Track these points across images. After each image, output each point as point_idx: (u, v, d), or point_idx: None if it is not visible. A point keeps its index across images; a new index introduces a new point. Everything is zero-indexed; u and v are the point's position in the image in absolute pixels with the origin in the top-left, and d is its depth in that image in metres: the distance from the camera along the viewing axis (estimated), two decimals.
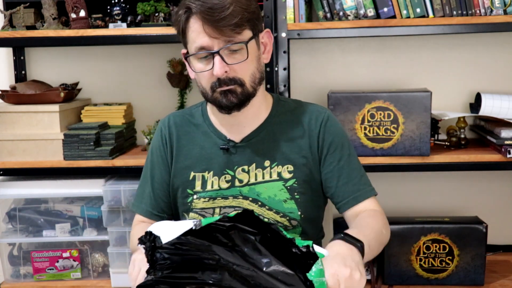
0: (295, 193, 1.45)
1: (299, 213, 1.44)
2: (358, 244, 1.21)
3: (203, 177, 1.47)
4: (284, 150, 1.46)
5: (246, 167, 1.46)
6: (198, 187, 1.47)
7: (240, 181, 1.46)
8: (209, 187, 1.47)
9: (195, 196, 1.47)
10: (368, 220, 1.38)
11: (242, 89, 1.37)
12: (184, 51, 1.43)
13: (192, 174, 1.48)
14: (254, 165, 1.46)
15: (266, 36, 1.44)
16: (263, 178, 1.45)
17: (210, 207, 1.46)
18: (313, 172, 1.47)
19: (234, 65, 1.34)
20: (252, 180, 1.45)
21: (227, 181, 1.46)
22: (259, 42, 1.42)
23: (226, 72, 1.34)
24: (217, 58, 1.32)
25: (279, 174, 1.45)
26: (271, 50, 1.46)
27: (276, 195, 1.44)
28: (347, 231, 1.26)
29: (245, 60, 1.35)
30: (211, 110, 1.51)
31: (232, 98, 1.36)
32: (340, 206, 1.47)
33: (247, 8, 1.33)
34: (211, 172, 1.47)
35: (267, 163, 1.46)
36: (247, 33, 1.35)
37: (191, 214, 1.47)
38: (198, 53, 1.34)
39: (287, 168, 1.46)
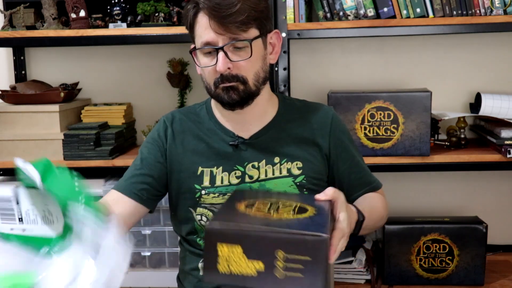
0: (304, 190, 1.46)
1: None
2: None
3: (211, 172, 1.47)
4: (293, 147, 1.47)
5: (256, 163, 1.46)
6: (206, 182, 1.47)
7: (250, 177, 1.46)
8: (218, 183, 1.46)
9: (203, 192, 1.47)
10: (372, 199, 1.51)
11: (245, 87, 1.37)
12: (192, 46, 1.44)
13: (200, 169, 1.48)
14: (264, 161, 1.46)
15: (274, 37, 1.45)
16: (273, 174, 1.46)
17: (220, 202, 1.46)
18: (321, 169, 1.49)
19: (237, 63, 1.35)
20: (262, 176, 1.46)
21: (237, 177, 1.46)
22: (267, 42, 1.42)
23: (229, 68, 1.35)
24: (220, 54, 1.33)
25: (288, 170, 1.46)
26: (279, 51, 1.47)
27: (286, 191, 1.45)
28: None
29: (248, 58, 1.35)
30: (216, 107, 1.51)
31: (233, 95, 1.37)
32: (357, 196, 1.52)
33: (255, 7, 1.34)
34: (220, 168, 1.47)
35: (276, 159, 1.47)
36: (253, 32, 1.36)
37: (199, 209, 1.47)
38: (203, 48, 1.36)
39: (296, 164, 1.46)
